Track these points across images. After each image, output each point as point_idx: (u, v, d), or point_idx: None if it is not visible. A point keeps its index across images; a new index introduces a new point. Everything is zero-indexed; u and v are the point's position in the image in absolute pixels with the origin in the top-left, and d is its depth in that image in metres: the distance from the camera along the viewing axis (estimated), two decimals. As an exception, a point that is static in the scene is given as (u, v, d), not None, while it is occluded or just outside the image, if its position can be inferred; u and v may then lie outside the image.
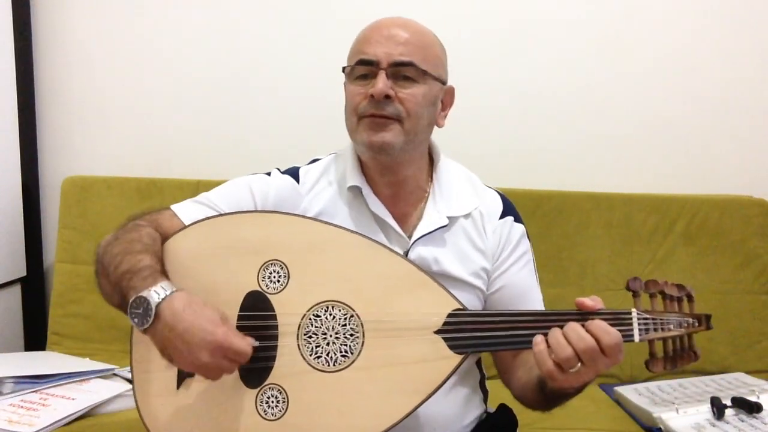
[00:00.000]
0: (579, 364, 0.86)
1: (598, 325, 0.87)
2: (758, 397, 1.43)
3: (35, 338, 1.91)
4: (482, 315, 0.96)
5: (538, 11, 1.87)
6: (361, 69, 1.06)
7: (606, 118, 1.89)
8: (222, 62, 1.93)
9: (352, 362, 0.94)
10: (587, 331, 0.87)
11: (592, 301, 0.91)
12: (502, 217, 1.14)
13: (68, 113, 1.97)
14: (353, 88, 1.07)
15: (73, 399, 1.44)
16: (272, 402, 0.95)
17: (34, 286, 1.95)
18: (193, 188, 1.81)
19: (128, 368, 1.59)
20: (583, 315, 0.90)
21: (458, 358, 0.93)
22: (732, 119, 1.88)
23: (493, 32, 1.87)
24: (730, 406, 1.41)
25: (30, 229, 1.92)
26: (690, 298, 0.95)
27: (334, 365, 0.94)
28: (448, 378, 0.93)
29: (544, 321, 0.91)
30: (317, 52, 1.91)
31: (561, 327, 0.89)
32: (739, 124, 1.88)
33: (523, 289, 1.14)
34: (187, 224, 1.04)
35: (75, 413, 1.39)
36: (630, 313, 0.91)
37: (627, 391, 1.58)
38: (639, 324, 0.91)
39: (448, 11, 1.88)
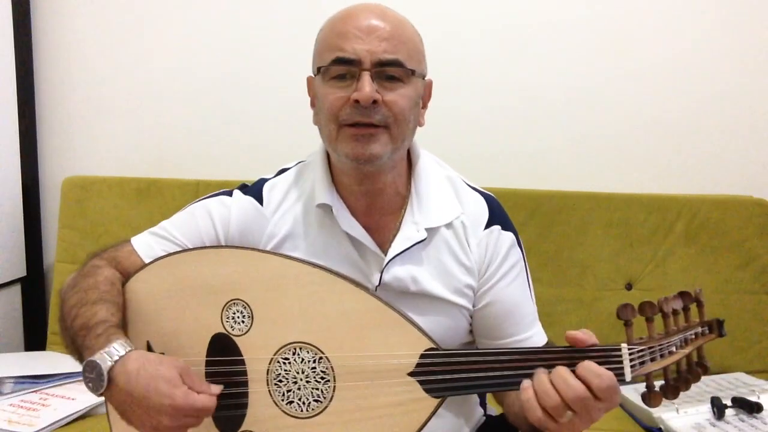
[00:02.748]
0: (570, 413, 0.78)
1: (587, 367, 0.78)
2: (758, 397, 1.43)
3: (35, 338, 1.92)
4: (458, 355, 0.87)
5: (538, 12, 1.87)
6: (339, 69, 0.93)
7: (606, 118, 1.89)
8: (222, 62, 1.93)
9: (325, 407, 0.90)
10: (577, 375, 0.78)
11: (584, 335, 0.81)
12: (487, 226, 1.03)
13: (68, 113, 1.98)
14: (329, 90, 0.94)
15: (73, 399, 1.44)
16: None
17: (34, 286, 1.95)
18: (193, 188, 1.81)
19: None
20: (570, 353, 0.81)
21: (435, 401, 0.86)
22: (732, 119, 1.88)
23: (493, 32, 1.87)
24: (730, 406, 1.41)
25: (30, 229, 1.93)
26: (699, 303, 0.84)
27: (307, 410, 0.90)
28: (426, 423, 0.87)
29: (527, 360, 0.82)
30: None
31: (547, 367, 0.80)
32: (739, 124, 1.88)
33: (513, 304, 1.03)
34: (146, 262, 0.99)
35: (75, 413, 1.39)
36: (619, 349, 0.80)
37: (627, 391, 1.57)
38: (632, 359, 0.80)
39: (447, 11, 1.87)
